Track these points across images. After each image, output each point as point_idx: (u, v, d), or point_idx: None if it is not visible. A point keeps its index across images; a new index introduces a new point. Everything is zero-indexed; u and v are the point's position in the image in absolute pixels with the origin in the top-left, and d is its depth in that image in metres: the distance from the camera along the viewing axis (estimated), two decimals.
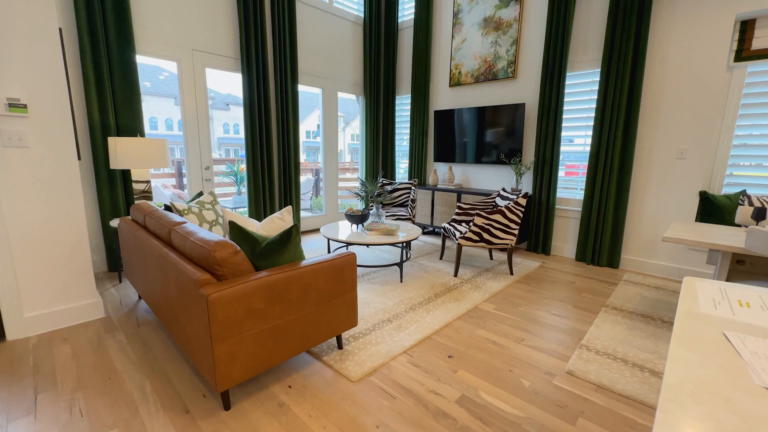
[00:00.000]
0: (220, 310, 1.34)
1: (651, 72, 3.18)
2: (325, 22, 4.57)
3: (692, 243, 1.94)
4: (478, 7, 4.17)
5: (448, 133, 4.59)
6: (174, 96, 17.87)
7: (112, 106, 2.94)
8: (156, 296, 1.90)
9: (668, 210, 3.23)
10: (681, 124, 3.09)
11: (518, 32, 3.88)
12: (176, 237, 1.70)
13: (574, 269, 3.44)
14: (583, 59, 3.52)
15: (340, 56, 4.82)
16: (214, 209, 2.53)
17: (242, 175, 6.64)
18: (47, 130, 2.02)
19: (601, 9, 3.36)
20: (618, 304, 2.63)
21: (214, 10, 3.55)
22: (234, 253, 1.47)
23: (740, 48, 2.90)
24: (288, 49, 4.01)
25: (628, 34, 3.11)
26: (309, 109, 18.08)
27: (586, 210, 3.54)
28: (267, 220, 1.95)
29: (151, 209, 2.13)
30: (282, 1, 3.89)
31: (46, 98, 2.00)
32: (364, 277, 3.08)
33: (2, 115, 1.88)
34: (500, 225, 3.04)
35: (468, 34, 4.30)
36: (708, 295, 0.85)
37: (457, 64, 4.46)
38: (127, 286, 2.82)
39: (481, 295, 2.73)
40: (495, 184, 4.36)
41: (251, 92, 3.79)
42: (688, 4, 2.96)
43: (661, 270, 3.30)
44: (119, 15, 2.87)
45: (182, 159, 4.86)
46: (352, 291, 1.87)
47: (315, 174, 7.19)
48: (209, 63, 3.60)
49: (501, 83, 4.13)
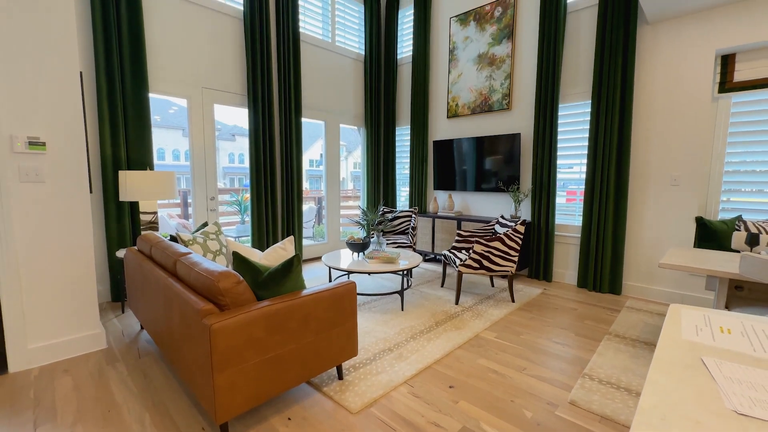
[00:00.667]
0: (222, 340, 1.36)
1: (639, 102, 3.31)
2: (327, 60, 4.82)
3: (688, 269, 1.96)
4: (473, 44, 4.41)
5: (447, 162, 4.71)
6: (182, 128, 18.46)
7: (124, 140, 3.08)
8: (158, 326, 1.93)
9: (666, 235, 3.26)
10: (672, 152, 3.18)
11: (511, 67, 4.08)
12: (181, 267, 1.75)
13: (576, 296, 3.42)
14: (574, 92, 3.68)
15: (342, 91, 5.04)
16: (218, 239, 2.59)
17: (246, 204, 6.76)
18: (63, 166, 2.13)
19: (588, 45, 3.55)
20: (621, 331, 2.61)
21: (223, 51, 3.77)
22: (237, 283, 1.52)
23: (723, 80, 3.04)
24: (292, 85, 4.22)
25: (615, 67, 3.27)
26: (312, 138, 18.57)
27: (585, 236, 3.58)
28: (269, 250, 2.00)
29: (157, 240, 2.20)
30: (287, 42, 4.14)
31: (63, 136, 2.12)
32: (365, 306, 3.08)
33: (22, 152, 1.99)
34: (500, 252, 3.07)
35: (464, 69, 4.52)
36: (691, 321, 0.88)
37: (454, 96, 4.65)
38: (129, 317, 2.84)
39: (483, 323, 2.72)
40: (494, 211, 4.42)
41: (257, 126, 3.96)
42: (669, 41, 3.13)
43: (664, 296, 3.28)
44: (135, 58, 3.06)
45: (188, 189, 4.99)
46: (352, 320, 1.89)
47: (317, 202, 7.31)
48: (217, 99, 3.79)
49: (496, 114, 4.29)
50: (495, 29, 4.19)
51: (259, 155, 4.00)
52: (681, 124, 3.13)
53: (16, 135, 1.98)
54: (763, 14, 2.70)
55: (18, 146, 1.98)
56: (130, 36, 3.03)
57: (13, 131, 1.97)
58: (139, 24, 3.05)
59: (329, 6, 4.84)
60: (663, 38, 3.15)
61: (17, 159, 1.99)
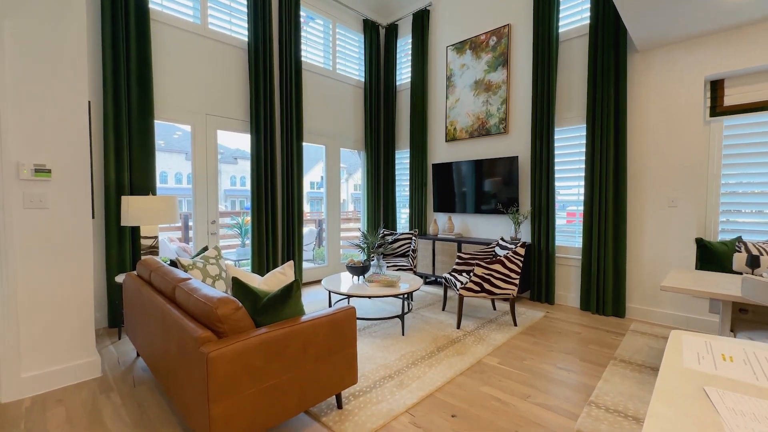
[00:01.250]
0: (219, 369, 1.34)
1: (633, 126, 3.39)
2: (328, 86, 4.96)
3: (690, 292, 1.95)
4: (469, 71, 4.55)
5: (446, 185, 4.76)
6: (185, 151, 18.75)
7: (128, 166, 3.13)
8: (155, 354, 1.90)
9: (667, 257, 3.24)
10: (669, 174, 3.22)
11: (507, 93, 4.20)
12: (180, 293, 1.75)
13: (579, 319, 3.37)
14: (569, 116, 3.76)
15: (342, 116, 5.17)
16: (218, 263, 2.59)
17: (246, 227, 6.78)
18: (67, 192, 2.16)
19: (580, 72, 3.66)
20: (626, 356, 2.56)
21: (227, 79, 3.90)
22: (236, 310, 1.51)
23: (714, 104, 3.11)
24: (294, 111, 4.33)
25: (608, 93, 3.36)
26: (313, 161, 18.82)
27: (586, 258, 3.56)
28: (269, 275, 2.00)
29: (157, 265, 2.20)
30: (289, 70, 4.28)
31: (69, 163, 2.16)
32: (365, 330, 3.04)
33: (28, 179, 2.03)
34: (501, 275, 3.05)
35: (461, 95, 4.64)
36: (693, 349, 0.88)
37: (452, 121, 4.75)
38: (126, 343, 2.79)
39: (485, 349, 2.67)
40: (494, 233, 4.43)
41: (259, 150, 4.03)
42: (660, 67, 3.23)
43: (668, 319, 3.23)
44: (142, 87, 3.16)
45: (189, 213, 5.02)
46: (351, 346, 1.86)
47: (318, 225, 7.33)
48: (220, 125, 3.88)
49: (494, 138, 4.38)
50: (490, 57, 4.34)
51: (261, 179, 4.05)
52: (675, 146, 3.18)
53: (23, 162, 2.02)
54: (748, 42, 2.81)
55: (24, 173, 2.02)
56: (138, 66, 3.14)
57: (21, 158, 2.01)
58: (147, 55, 3.17)
59: (330, 36, 5.03)
60: (653, 65, 3.26)
61: (22, 186, 2.02)
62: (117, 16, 3.00)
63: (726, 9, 2.58)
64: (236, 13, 3.99)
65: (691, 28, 2.88)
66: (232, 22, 3.96)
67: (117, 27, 3.00)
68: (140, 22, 3.14)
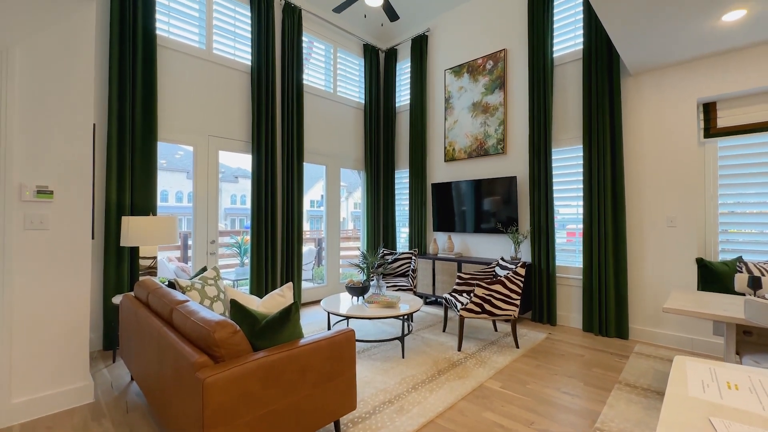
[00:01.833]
0: (215, 395, 1.31)
1: (629, 147, 3.43)
2: (329, 108, 5.06)
3: (693, 314, 1.93)
4: (467, 94, 4.65)
5: (446, 204, 4.78)
6: (187, 170, 18.91)
7: (130, 186, 3.15)
8: (150, 378, 1.86)
9: (668, 277, 3.23)
10: (666, 194, 3.25)
11: (504, 114, 4.28)
12: (178, 316, 1.73)
13: (582, 341, 3.32)
14: (566, 137, 3.82)
15: (342, 137, 5.25)
16: (217, 284, 2.57)
17: (246, 246, 6.76)
18: (68, 213, 2.17)
19: (576, 94, 3.75)
20: (631, 380, 2.50)
21: (230, 102, 3.98)
22: (233, 333, 1.49)
23: (707, 126, 3.17)
24: (295, 132, 4.40)
25: (603, 115, 3.43)
26: (313, 180, 18.96)
27: (587, 278, 3.54)
28: (267, 297, 1.98)
29: (155, 287, 2.18)
30: (291, 93, 4.38)
31: (71, 184, 2.18)
32: (364, 353, 2.98)
33: (30, 201, 2.04)
34: (501, 295, 3.02)
35: (459, 116, 4.73)
36: (697, 376, 0.86)
37: (450, 141, 4.82)
38: (120, 366, 2.74)
39: (487, 372, 2.61)
40: (494, 252, 4.42)
41: (260, 171, 4.07)
42: (653, 90, 3.31)
43: (672, 340, 3.18)
44: (147, 110, 3.23)
45: (188, 232, 5.01)
46: (351, 370, 1.83)
47: (317, 244, 7.31)
48: (222, 146, 3.94)
49: (492, 158, 4.43)
50: (487, 80, 4.45)
51: (261, 199, 4.07)
52: (672, 167, 3.22)
53: (26, 184, 2.04)
54: (738, 67, 2.89)
55: (26, 195, 2.03)
56: (143, 90, 3.22)
57: (24, 180, 2.03)
58: (153, 79, 3.25)
59: (331, 59, 5.17)
60: (646, 88, 3.34)
61: (24, 207, 2.03)
62: (125, 42, 3.09)
63: (714, 36, 2.67)
64: (240, 39, 4.11)
65: (682, 54, 2.97)
66: (236, 47, 4.08)
67: (124, 52, 3.09)
68: (147, 48, 3.23)
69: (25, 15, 2.02)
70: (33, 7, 2.04)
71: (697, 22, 2.48)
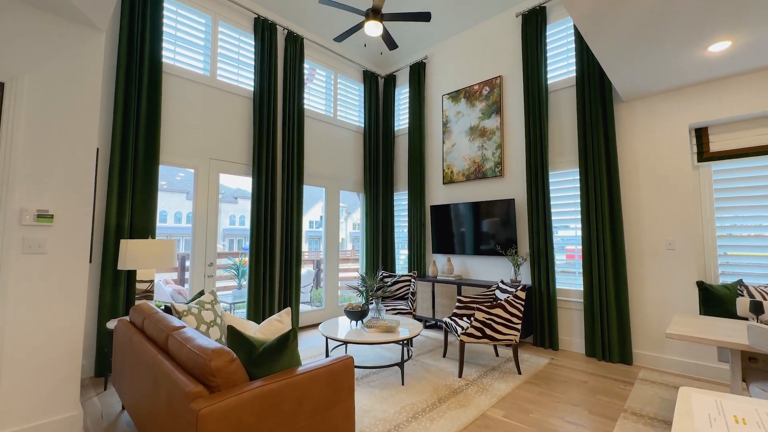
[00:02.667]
0: (210, 427, 1.27)
1: (625, 171, 3.48)
2: (329, 132, 5.16)
3: (696, 340, 1.90)
4: (464, 118, 4.76)
5: (445, 226, 4.79)
6: (186, 191, 19.01)
7: (130, 209, 3.16)
8: (142, 408, 1.80)
9: (670, 301, 3.20)
10: (663, 218, 3.27)
11: (501, 138, 4.36)
12: (173, 343, 1.69)
13: (585, 366, 3.25)
14: (563, 160, 3.88)
15: (342, 160, 5.32)
16: (214, 309, 2.53)
17: (244, 268, 6.70)
18: (67, 237, 2.16)
19: (570, 119, 3.84)
20: (637, 408, 2.44)
21: (232, 126, 4.06)
22: (230, 362, 1.46)
23: (700, 150, 3.23)
24: (296, 155, 4.47)
25: (598, 140, 3.49)
26: (313, 201, 19.03)
27: (588, 301, 3.51)
28: (265, 323, 1.95)
29: (151, 312, 2.15)
30: (292, 117, 4.47)
31: (72, 209, 2.19)
32: (363, 379, 2.91)
33: (29, 225, 2.04)
34: (502, 319, 2.99)
35: (457, 140, 4.81)
36: (704, 409, 0.84)
37: (449, 164, 4.89)
38: (112, 395, 2.66)
39: (489, 400, 2.55)
40: (494, 275, 4.39)
41: (260, 193, 4.10)
42: (645, 116, 3.39)
43: (677, 366, 3.12)
44: (150, 135, 3.28)
45: (186, 254, 4.99)
46: (349, 399, 1.78)
47: (316, 266, 7.26)
48: (223, 169, 3.98)
49: (490, 181, 4.48)
50: (484, 105, 4.56)
51: (261, 221, 4.08)
52: (667, 191, 3.26)
53: (26, 208, 2.04)
54: (728, 93, 2.98)
55: (26, 219, 2.03)
56: (147, 116, 3.28)
57: (25, 204, 2.04)
58: (157, 105, 3.32)
59: (332, 85, 5.31)
60: (639, 114, 3.43)
61: (23, 231, 2.03)
62: (131, 69, 3.18)
63: (702, 65, 2.77)
64: (244, 66, 4.24)
65: (672, 82, 3.07)
66: (240, 74, 4.19)
67: (131, 79, 3.18)
68: (153, 75, 3.32)
69: (36, 44, 2.09)
70: (44, 37, 2.11)
71: (685, 52, 2.58)
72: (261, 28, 4.21)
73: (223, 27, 4.07)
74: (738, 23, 2.23)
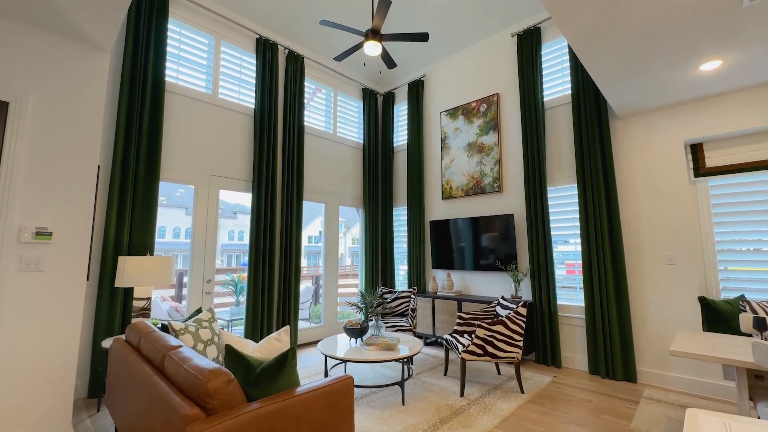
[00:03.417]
0: None
1: (623, 185, 3.51)
2: (329, 148, 5.21)
3: (701, 358, 1.87)
4: (462, 135, 4.81)
5: (444, 242, 4.78)
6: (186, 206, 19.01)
7: (129, 226, 3.15)
8: (136, 431, 1.75)
9: (673, 316, 3.17)
10: (662, 233, 3.27)
11: (499, 154, 4.41)
12: (170, 363, 1.66)
13: (589, 384, 3.19)
14: (561, 176, 3.91)
15: (342, 175, 5.35)
16: (211, 327, 2.50)
17: (242, 285, 6.65)
18: (65, 255, 2.15)
19: (567, 135, 3.88)
20: (643, 428, 2.38)
21: (232, 142, 4.09)
22: (227, 383, 1.43)
23: (696, 166, 3.26)
24: (295, 171, 4.49)
25: (595, 155, 3.53)
26: (312, 216, 19.02)
27: (589, 317, 3.47)
28: (264, 342, 1.92)
29: (147, 330, 2.12)
30: (293, 134, 4.52)
31: (71, 226, 2.18)
32: (362, 399, 2.85)
33: (27, 242, 2.03)
34: (503, 336, 2.95)
35: (455, 156, 4.86)
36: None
37: (447, 180, 4.92)
38: (105, 417, 2.59)
39: (491, 420, 2.49)
40: (494, 290, 4.36)
41: (259, 209, 4.10)
42: (641, 132, 3.44)
43: (683, 384, 3.06)
44: (151, 153, 3.30)
45: (185, 270, 4.95)
46: (349, 421, 1.73)
47: (315, 282, 7.20)
48: (223, 185, 3.99)
49: (489, 196, 4.50)
50: (482, 122, 4.62)
51: (260, 237, 4.07)
52: (666, 206, 3.27)
53: (25, 225, 2.04)
54: (721, 110, 3.03)
55: (25, 236, 2.03)
56: (149, 134, 3.31)
57: (24, 221, 2.04)
58: (159, 123, 3.36)
59: (332, 102, 5.40)
60: (634, 130, 3.47)
61: (21, 248, 2.02)
62: (135, 88, 3.23)
63: (694, 83, 2.83)
64: (245, 84, 4.31)
65: (665, 99, 3.13)
66: (241, 92, 4.26)
67: (134, 97, 3.22)
68: (155, 94, 3.37)
69: (41, 65, 2.13)
70: (49, 57, 2.15)
71: (677, 71, 2.64)
72: (263, 47, 4.31)
73: (226, 47, 4.16)
74: (726, 44, 2.29)
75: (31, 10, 1.95)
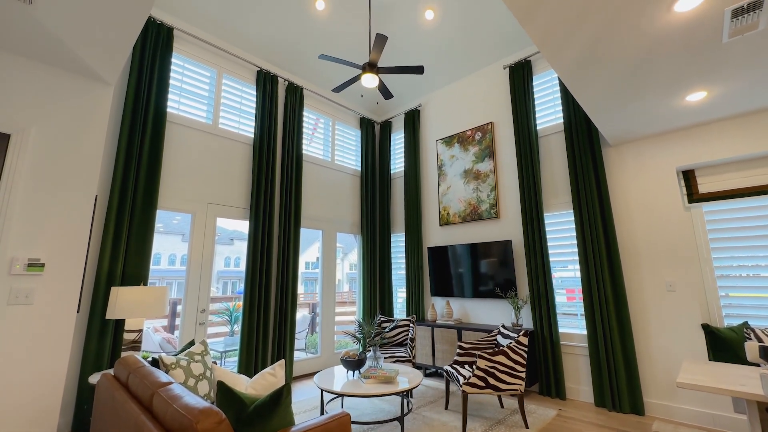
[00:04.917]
0: None
1: (618, 212, 3.53)
2: (327, 176, 5.26)
3: (708, 390, 1.82)
4: (458, 162, 4.89)
5: (443, 268, 4.74)
6: (182, 233, 18.92)
7: (124, 255, 3.11)
8: None
9: (677, 344, 3.10)
10: (660, 259, 3.26)
11: (495, 181, 4.46)
12: (159, 401, 1.59)
13: (596, 418, 3.07)
14: (557, 202, 3.94)
15: (339, 202, 5.37)
16: (204, 360, 2.42)
17: (237, 314, 6.50)
18: (56, 287, 2.11)
19: (562, 162, 3.95)
20: None
21: (231, 171, 4.13)
22: (218, 423, 1.36)
23: (690, 192, 3.31)
24: (293, 199, 4.51)
25: (589, 182, 3.57)
26: (309, 242, 18.92)
27: (592, 345, 3.39)
28: (258, 377, 1.85)
29: (137, 365, 2.04)
30: (291, 162, 4.57)
31: (64, 257, 2.15)
32: None
33: (19, 274, 2.00)
34: (505, 367, 2.86)
35: (452, 183, 4.91)
36: None
37: (445, 206, 4.95)
38: None
39: None
40: (494, 318, 4.28)
41: (256, 237, 4.08)
42: (634, 160, 3.50)
43: (692, 416, 2.95)
44: (150, 183, 3.32)
45: (178, 299, 4.85)
46: None
47: (311, 309, 7.06)
48: (221, 213, 3.99)
49: (486, 222, 4.51)
50: (477, 149, 4.71)
51: (256, 265, 4.02)
52: (662, 232, 3.28)
53: (17, 257, 2.01)
54: (712, 137, 3.10)
55: (16, 268, 1.99)
56: (148, 164, 3.34)
57: (17, 253, 2.01)
58: (159, 153, 3.40)
59: (330, 131, 5.50)
60: (628, 157, 3.54)
61: (11, 281, 1.98)
62: (136, 119, 3.29)
63: (682, 113, 2.92)
64: (245, 114, 4.40)
65: (655, 128, 3.21)
66: (241, 122, 4.35)
67: (135, 128, 3.27)
68: (157, 125, 3.43)
69: (45, 98, 2.17)
70: (53, 90, 2.20)
71: (664, 102, 2.73)
72: (263, 79, 4.44)
73: (227, 79, 4.28)
74: (710, 76, 2.38)
75: (38, 46, 2.01)
